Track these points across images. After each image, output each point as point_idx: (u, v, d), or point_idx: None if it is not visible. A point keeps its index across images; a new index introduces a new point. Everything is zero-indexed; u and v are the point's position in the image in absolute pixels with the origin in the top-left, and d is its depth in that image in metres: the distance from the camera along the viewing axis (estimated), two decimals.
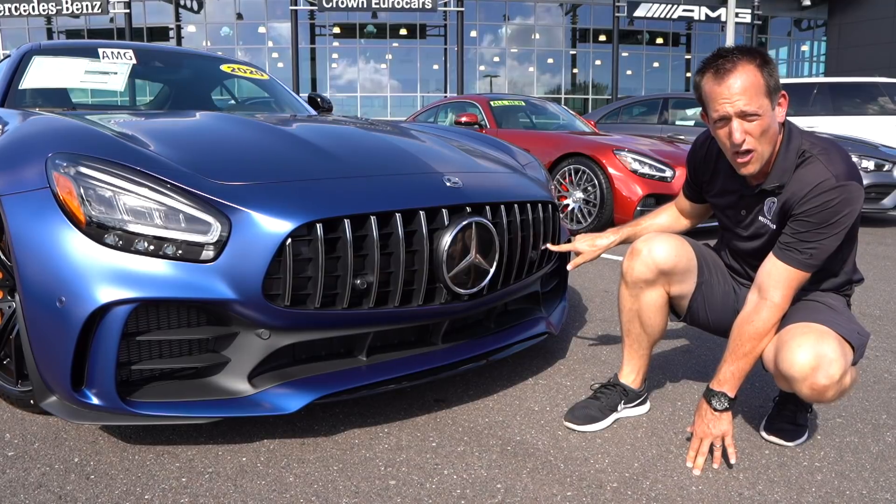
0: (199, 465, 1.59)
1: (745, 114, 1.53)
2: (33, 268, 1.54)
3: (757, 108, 1.52)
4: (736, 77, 1.51)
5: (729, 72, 1.52)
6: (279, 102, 3.60)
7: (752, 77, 1.51)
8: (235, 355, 1.64)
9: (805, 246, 1.55)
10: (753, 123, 1.53)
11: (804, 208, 1.54)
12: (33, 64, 3.00)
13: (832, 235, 1.54)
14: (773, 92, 1.54)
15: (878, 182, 6.11)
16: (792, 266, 1.57)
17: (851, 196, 1.52)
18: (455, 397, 2.02)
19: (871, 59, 23.85)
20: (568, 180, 5.47)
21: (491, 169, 2.23)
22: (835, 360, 1.49)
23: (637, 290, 1.80)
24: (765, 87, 1.52)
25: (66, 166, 1.57)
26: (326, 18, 26.19)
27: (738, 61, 1.52)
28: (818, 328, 1.55)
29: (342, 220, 1.62)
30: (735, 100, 1.52)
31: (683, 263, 1.79)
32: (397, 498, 1.46)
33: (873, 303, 3.28)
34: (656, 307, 1.82)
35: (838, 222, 1.52)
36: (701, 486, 1.53)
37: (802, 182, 1.56)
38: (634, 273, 1.78)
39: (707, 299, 1.84)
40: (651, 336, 1.86)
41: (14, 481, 1.51)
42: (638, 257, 1.78)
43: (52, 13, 21.84)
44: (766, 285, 1.59)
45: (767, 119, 1.54)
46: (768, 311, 1.58)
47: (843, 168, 1.53)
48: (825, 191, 1.51)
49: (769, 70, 1.52)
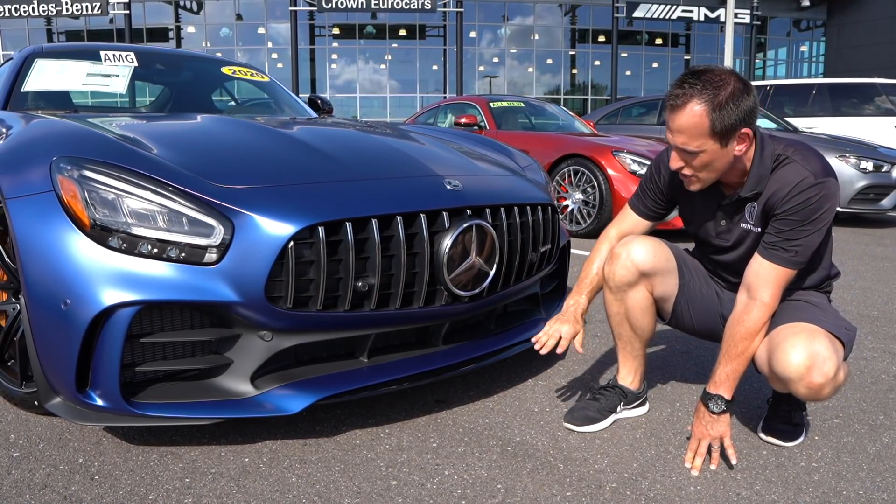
0: (202, 465, 1.61)
1: (683, 150, 1.56)
2: (38, 270, 1.56)
3: (695, 147, 1.54)
4: (680, 115, 1.52)
5: (677, 108, 1.53)
6: (280, 104, 3.61)
7: (696, 120, 1.50)
8: (238, 357, 1.65)
9: (790, 244, 1.58)
10: (693, 157, 1.56)
11: (786, 207, 1.57)
12: (35, 67, 3.01)
13: (815, 231, 1.57)
14: (725, 132, 1.51)
15: (876, 183, 6.13)
16: (779, 265, 1.59)
17: (830, 192, 1.55)
18: (456, 398, 2.04)
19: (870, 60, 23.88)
20: (567, 181, 5.48)
21: (491, 171, 2.25)
22: (828, 357, 1.51)
23: (621, 293, 1.82)
24: (709, 129, 1.50)
25: (70, 170, 1.59)
26: (326, 19, 26.21)
27: (690, 99, 1.50)
28: (808, 327, 1.57)
29: (344, 222, 1.64)
30: (675, 135, 1.56)
31: (662, 263, 1.81)
32: (399, 498, 1.48)
33: (871, 304, 3.29)
34: (642, 308, 1.83)
35: (820, 218, 1.56)
36: (699, 486, 1.55)
37: (782, 182, 1.58)
38: (616, 277, 1.80)
39: (690, 302, 1.86)
40: (642, 337, 1.88)
41: (19, 482, 1.52)
42: (617, 261, 1.79)
43: (51, 14, 21.86)
44: (754, 285, 1.61)
45: (710, 157, 1.55)
46: (758, 310, 1.60)
47: (819, 166, 1.57)
48: (805, 189, 1.55)
49: (724, 112, 1.48)
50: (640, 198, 1.91)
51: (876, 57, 24.03)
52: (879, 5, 25.05)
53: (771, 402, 1.84)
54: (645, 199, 1.90)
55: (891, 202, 6.21)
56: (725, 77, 1.51)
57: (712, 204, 1.75)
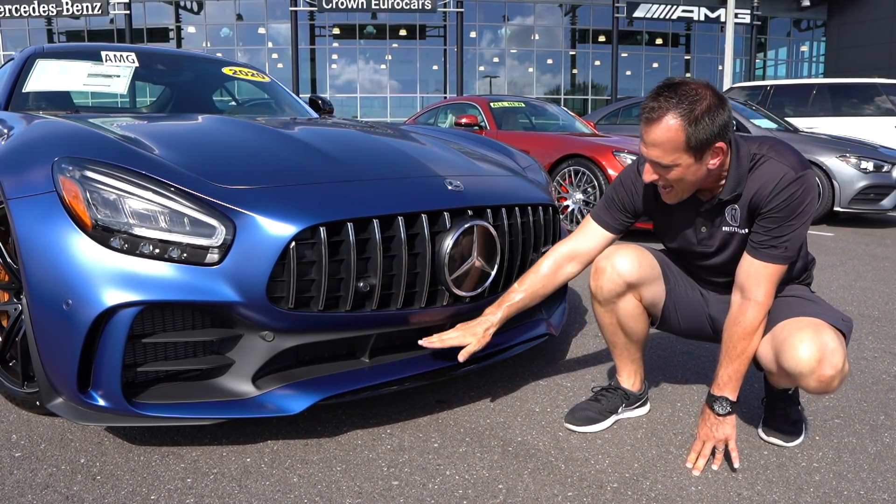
0: (204, 465, 1.61)
1: (657, 164, 1.56)
2: (40, 271, 1.56)
3: (669, 161, 1.53)
4: (655, 129, 1.51)
5: (652, 121, 1.51)
6: (280, 105, 3.61)
7: (670, 134, 1.49)
8: (240, 357, 1.65)
9: (779, 241, 1.58)
10: (667, 171, 1.56)
11: (772, 205, 1.57)
12: (36, 67, 3.01)
13: (801, 225, 1.58)
14: (700, 147, 1.50)
15: (877, 183, 6.13)
16: (771, 262, 1.59)
17: (810, 184, 1.56)
18: (457, 398, 2.04)
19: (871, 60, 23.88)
20: (568, 181, 5.49)
21: (492, 172, 2.25)
22: (836, 349, 1.51)
23: (611, 305, 1.82)
24: (684, 143, 1.49)
25: (71, 170, 1.59)
26: (326, 19, 26.21)
27: (666, 113, 1.48)
28: (812, 321, 1.57)
29: (345, 223, 1.64)
30: (649, 149, 1.54)
31: (648, 272, 1.80)
32: (400, 498, 1.48)
33: (872, 304, 3.29)
34: (634, 316, 1.83)
35: (804, 211, 1.57)
36: (700, 486, 1.55)
37: (763, 181, 1.58)
38: (604, 291, 1.79)
39: (677, 305, 1.86)
40: (637, 342, 1.88)
41: (21, 482, 1.53)
42: (603, 275, 1.78)
43: (52, 14, 21.87)
44: (747, 285, 1.61)
45: (683, 171, 1.54)
46: (753, 309, 1.60)
47: (795, 160, 1.58)
48: (788, 184, 1.55)
49: (700, 126, 1.47)
50: (607, 209, 1.84)
51: (876, 57, 24.03)
52: (880, 5, 25.05)
53: (766, 403, 1.84)
54: (612, 212, 1.83)
55: (891, 202, 6.20)
56: (701, 91, 1.49)
57: (690, 212, 1.72)
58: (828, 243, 5.26)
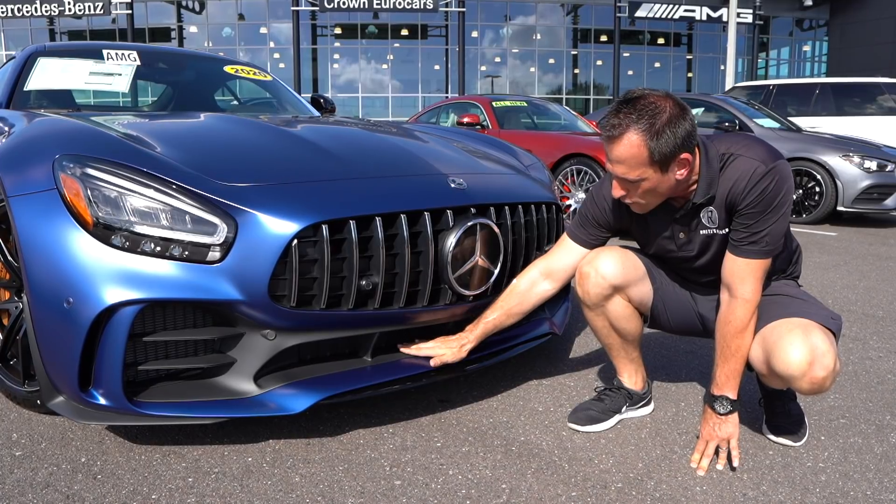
0: (205, 465, 1.60)
1: (624, 180, 1.55)
2: (41, 269, 1.55)
3: (636, 177, 1.52)
4: (618, 146, 1.50)
5: (613, 139, 1.50)
6: (282, 103, 3.60)
7: (633, 150, 1.48)
8: (241, 356, 1.64)
9: (759, 236, 1.56)
10: (635, 185, 1.55)
11: (747, 201, 1.55)
12: (38, 65, 3.01)
13: (780, 217, 1.56)
14: (664, 160, 1.48)
15: (880, 183, 6.11)
16: (753, 258, 1.58)
17: (784, 174, 1.54)
18: (459, 398, 2.03)
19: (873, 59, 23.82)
20: (570, 181, 5.48)
21: (495, 170, 2.24)
22: (826, 350, 1.50)
23: (600, 308, 1.80)
24: (648, 158, 1.48)
25: (72, 168, 1.58)
26: (328, 19, 26.19)
27: (626, 130, 1.47)
28: (801, 322, 1.56)
29: (348, 221, 1.63)
30: (614, 165, 1.54)
31: (632, 273, 1.78)
32: (403, 498, 1.47)
33: (876, 304, 3.28)
34: (625, 316, 1.82)
35: (781, 203, 1.55)
36: (705, 486, 1.54)
37: (734, 179, 1.56)
38: (591, 296, 1.78)
39: (666, 304, 1.85)
40: (632, 341, 1.87)
41: (22, 481, 1.52)
42: (588, 280, 1.76)
43: (54, 14, 21.89)
44: (733, 284, 1.60)
45: (651, 184, 1.54)
46: (742, 307, 1.59)
47: (765, 152, 1.56)
48: (760, 178, 1.53)
49: (662, 140, 1.46)
50: (581, 226, 1.83)
51: (879, 56, 23.97)
52: (882, 5, 24.99)
53: (764, 403, 1.83)
54: (587, 228, 1.82)
55: (895, 202, 6.19)
56: (661, 103, 1.47)
57: (665, 219, 1.70)
58: (831, 243, 5.25)
